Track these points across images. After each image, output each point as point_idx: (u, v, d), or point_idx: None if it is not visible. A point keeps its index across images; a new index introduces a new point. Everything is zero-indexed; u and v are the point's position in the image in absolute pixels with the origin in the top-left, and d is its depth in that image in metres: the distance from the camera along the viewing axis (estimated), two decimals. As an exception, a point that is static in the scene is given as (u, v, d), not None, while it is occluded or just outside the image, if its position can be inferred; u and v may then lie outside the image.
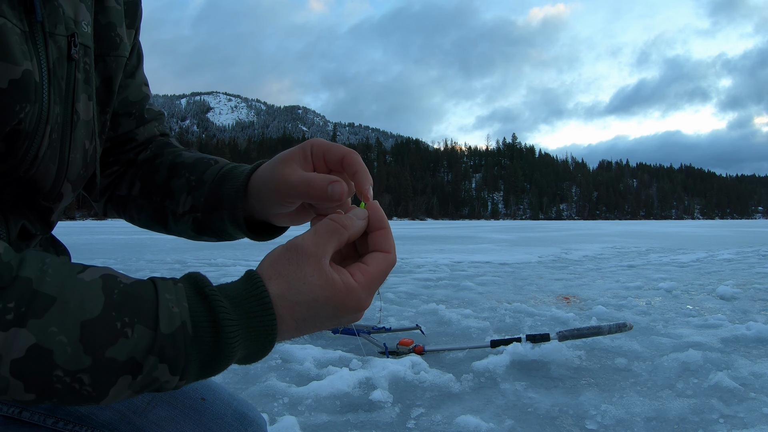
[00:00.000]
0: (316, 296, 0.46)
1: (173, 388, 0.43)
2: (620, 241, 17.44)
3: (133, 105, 0.78)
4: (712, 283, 6.69)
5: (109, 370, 0.39)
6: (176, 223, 0.72)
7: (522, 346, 3.11)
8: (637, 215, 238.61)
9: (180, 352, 0.41)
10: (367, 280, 0.49)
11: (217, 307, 0.43)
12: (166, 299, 0.42)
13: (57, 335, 0.38)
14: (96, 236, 21.71)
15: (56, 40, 0.56)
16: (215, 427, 0.78)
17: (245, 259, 9.79)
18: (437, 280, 6.82)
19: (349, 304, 0.48)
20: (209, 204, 0.67)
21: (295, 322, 0.46)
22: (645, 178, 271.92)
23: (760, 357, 3.22)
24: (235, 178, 0.65)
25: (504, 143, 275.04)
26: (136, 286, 0.42)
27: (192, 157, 0.74)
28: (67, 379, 0.38)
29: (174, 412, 0.76)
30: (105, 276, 0.42)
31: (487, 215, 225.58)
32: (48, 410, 0.70)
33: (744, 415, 2.34)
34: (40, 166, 0.56)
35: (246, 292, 0.45)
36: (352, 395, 2.53)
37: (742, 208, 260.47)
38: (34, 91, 0.52)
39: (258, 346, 0.45)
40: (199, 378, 0.44)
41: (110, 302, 0.40)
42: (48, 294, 0.38)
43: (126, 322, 0.40)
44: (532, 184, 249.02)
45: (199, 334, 0.42)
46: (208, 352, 0.43)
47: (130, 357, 0.40)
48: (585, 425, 2.26)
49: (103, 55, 0.67)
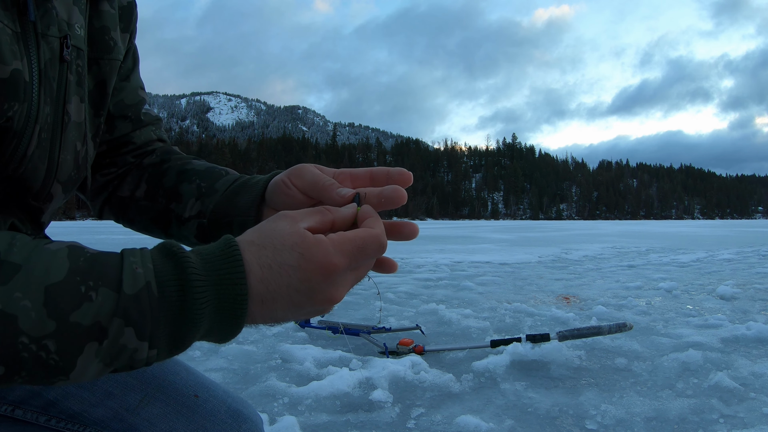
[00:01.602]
0: (283, 239, 0.46)
1: (146, 362, 0.42)
2: (620, 241, 17.44)
3: (129, 108, 0.79)
4: (712, 283, 6.69)
5: (74, 336, 0.39)
6: (179, 228, 0.73)
7: (522, 346, 3.11)
8: (637, 215, 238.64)
9: (145, 313, 0.40)
10: (340, 239, 0.47)
11: (184, 264, 0.42)
12: (131, 261, 0.42)
13: (21, 300, 0.38)
14: (96, 236, 21.71)
15: (49, 41, 0.57)
16: (209, 425, 0.77)
17: (245, 259, 9.80)
18: (437, 280, 6.81)
19: (316, 255, 0.45)
20: (218, 212, 0.69)
21: (260, 269, 0.44)
22: (645, 178, 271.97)
23: (760, 357, 3.22)
24: (251, 188, 0.67)
25: (504, 143, 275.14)
26: (102, 254, 0.43)
27: (203, 165, 0.76)
28: (33, 346, 0.38)
29: (167, 409, 0.75)
30: (71, 246, 0.42)
31: (487, 215, 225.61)
32: (41, 408, 0.70)
33: (744, 415, 2.34)
34: (28, 165, 0.57)
35: (217, 248, 0.45)
36: (352, 395, 2.53)
37: (742, 208, 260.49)
38: (23, 90, 0.53)
39: (228, 304, 0.43)
40: (170, 346, 0.43)
41: (75, 268, 0.40)
42: (13, 263, 0.39)
43: (90, 285, 0.40)
44: (532, 184, 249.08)
45: (164, 293, 0.41)
46: (176, 313, 0.41)
47: (94, 321, 0.39)
48: (585, 425, 2.26)
49: (97, 58, 0.68)
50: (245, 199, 0.67)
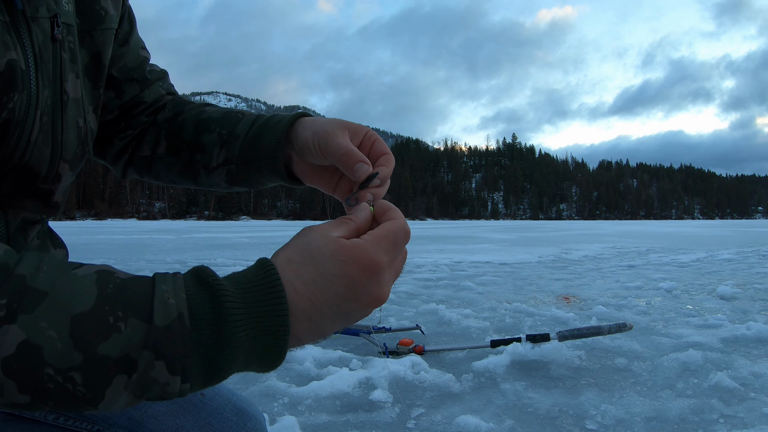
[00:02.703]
0: (322, 251, 0.44)
1: (179, 394, 0.40)
2: (620, 241, 17.44)
3: (134, 71, 0.78)
4: (712, 283, 6.69)
5: (102, 368, 0.37)
6: (209, 177, 0.73)
7: (522, 346, 3.11)
8: (637, 215, 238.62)
9: (177, 347, 0.38)
10: (375, 238, 0.47)
11: (219, 294, 0.40)
12: (162, 290, 0.39)
13: (46, 330, 0.36)
14: (96, 236, 21.71)
15: (40, 24, 0.56)
16: (215, 422, 0.78)
17: (245, 259, 9.80)
18: (437, 280, 6.81)
19: (358, 257, 0.44)
20: (244, 156, 0.69)
21: (304, 285, 0.43)
22: (645, 178, 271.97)
23: (760, 357, 3.22)
24: (272, 129, 0.67)
25: (504, 143, 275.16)
26: (132, 280, 0.41)
27: (218, 112, 0.75)
28: (59, 378, 0.37)
29: (173, 406, 0.77)
30: (101, 271, 0.40)
31: (487, 215, 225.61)
32: None
33: (744, 415, 2.34)
34: (33, 151, 0.56)
35: (255, 276, 0.42)
36: (352, 395, 2.53)
37: (742, 208, 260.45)
38: (21, 79, 0.53)
39: (269, 336, 0.41)
40: (205, 380, 0.40)
41: (103, 296, 0.38)
42: (39, 289, 0.37)
43: (119, 316, 0.38)
44: (532, 184, 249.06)
45: (197, 325, 0.39)
46: (210, 346, 0.39)
47: (123, 353, 0.37)
48: (585, 425, 2.26)
49: (89, 30, 0.67)
50: (268, 141, 0.67)
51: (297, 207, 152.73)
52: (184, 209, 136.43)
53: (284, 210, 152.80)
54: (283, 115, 0.68)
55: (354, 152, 0.58)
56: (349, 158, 0.57)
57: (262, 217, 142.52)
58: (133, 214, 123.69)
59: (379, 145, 0.61)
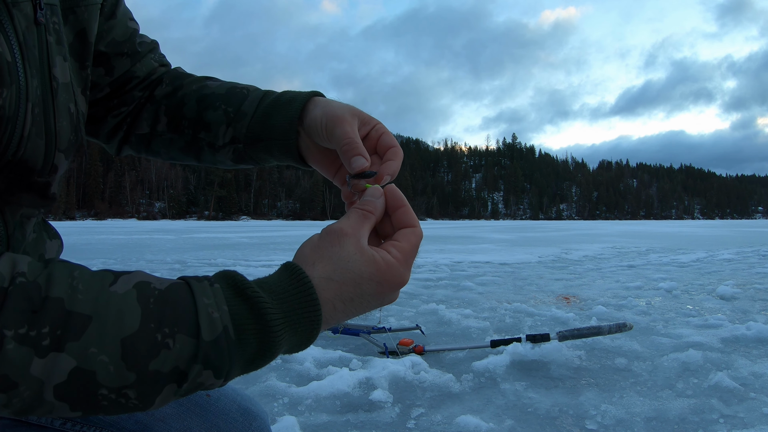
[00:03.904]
0: (361, 272, 0.48)
1: (216, 387, 0.44)
2: (620, 241, 17.44)
3: (123, 44, 0.73)
4: (712, 283, 6.69)
5: (154, 382, 0.39)
6: (213, 155, 0.71)
7: (522, 346, 3.11)
8: (637, 215, 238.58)
9: (224, 357, 0.41)
10: (403, 255, 0.51)
11: (261, 308, 0.43)
12: (205, 304, 0.41)
13: (98, 356, 0.37)
14: (96, 236, 21.70)
15: (21, 8, 0.52)
16: (221, 423, 0.78)
17: (245, 259, 9.80)
18: (437, 280, 6.82)
19: (392, 279, 0.49)
20: (253, 135, 0.66)
21: (343, 304, 0.47)
22: (645, 178, 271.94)
23: (760, 357, 3.22)
24: (285, 108, 0.65)
25: (504, 143, 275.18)
26: (171, 291, 0.42)
27: (222, 87, 0.71)
28: (112, 396, 0.38)
29: (180, 408, 0.77)
30: (138, 284, 0.41)
31: (487, 215, 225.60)
32: None
33: (744, 415, 2.35)
34: (27, 145, 0.53)
35: (290, 286, 0.45)
36: (352, 395, 2.53)
37: (742, 208, 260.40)
38: (8, 74, 0.49)
39: (302, 339, 0.46)
40: (241, 374, 0.45)
41: (147, 313, 0.39)
42: (82, 313, 0.38)
43: (166, 333, 0.39)
44: (532, 184, 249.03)
45: (242, 337, 0.42)
46: (253, 354, 0.43)
47: (174, 367, 0.39)
48: (585, 425, 2.26)
49: (72, 7, 0.63)
50: (280, 120, 0.64)
51: (297, 207, 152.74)
52: (184, 209, 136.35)
53: (284, 210, 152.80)
54: (296, 93, 0.66)
55: (356, 144, 0.58)
56: (349, 148, 0.58)
57: (262, 217, 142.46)
58: (133, 214, 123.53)
59: (387, 138, 0.61)
